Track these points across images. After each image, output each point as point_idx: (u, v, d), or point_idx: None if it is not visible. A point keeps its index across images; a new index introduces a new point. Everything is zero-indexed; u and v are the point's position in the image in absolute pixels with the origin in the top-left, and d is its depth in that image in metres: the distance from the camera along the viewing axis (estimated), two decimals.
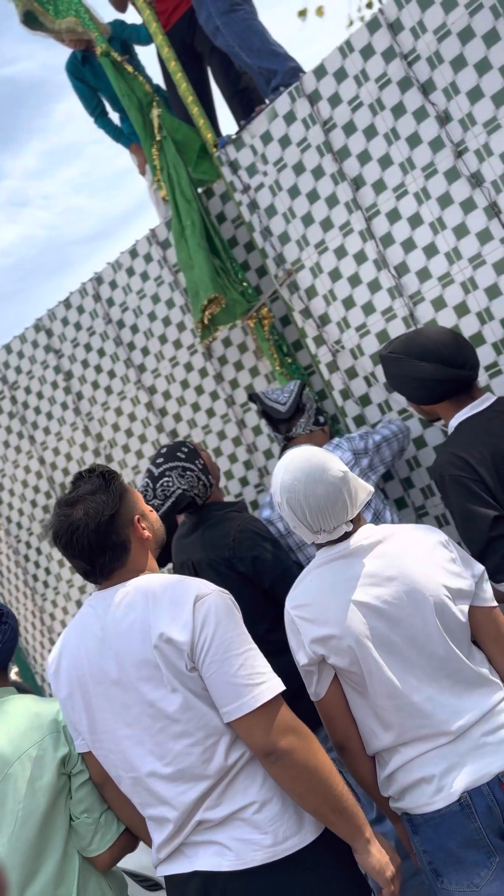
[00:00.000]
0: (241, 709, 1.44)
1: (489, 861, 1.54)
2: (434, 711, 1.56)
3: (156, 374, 3.15)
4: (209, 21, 2.81)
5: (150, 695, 1.47)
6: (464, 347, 1.99)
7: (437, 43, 2.31)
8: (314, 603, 1.62)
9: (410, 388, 2.03)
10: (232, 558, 2.18)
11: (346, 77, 2.48)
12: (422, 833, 1.59)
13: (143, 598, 1.51)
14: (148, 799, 1.53)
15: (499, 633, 1.64)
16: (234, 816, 1.48)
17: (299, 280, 2.70)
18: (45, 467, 3.54)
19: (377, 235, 2.52)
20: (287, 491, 1.63)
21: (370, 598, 1.58)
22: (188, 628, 1.45)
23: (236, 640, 1.47)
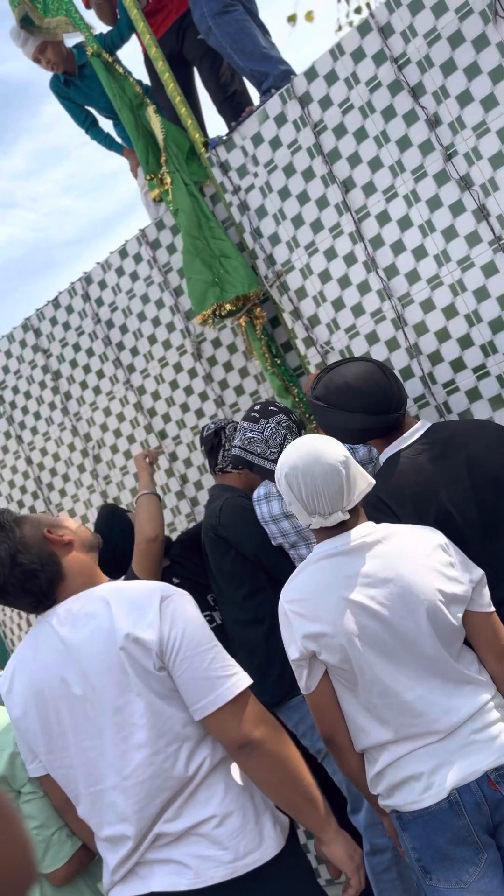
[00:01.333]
0: (216, 701, 1.43)
1: (477, 858, 1.55)
2: (425, 710, 1.57)
3: (145, 374, 3.15)
4: (202, 20, 2.82)
5: (115, 701, 1.44)
6: (387, 391, 1.92)
7: (428, 47, 2.33)
8: (309, 598, 1.63)
9: (338, 435, 1.98)
10: (217, 525, 2.40)
11: (337, 80, 2.50)
12: (411, 830, 1.59)
13: (103, 604, 1.48)
14: (107, 816, 1.47)
15: (495, 639, 1.64)
16: (192, 831, 1.44)
17: (289, 281, 2.71)
18: (33, 467, 3.52)
19: (367, 237, 2.53)
20: (287, 466, 1.65)
21: (364, 598, 1.59)
22: (155, 627, 1.44)
23: (205, 635, 1.48)
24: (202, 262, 2.64)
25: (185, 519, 3.14)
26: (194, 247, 2.66)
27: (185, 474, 3.12)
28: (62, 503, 3.47)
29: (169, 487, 3.17)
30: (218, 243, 2.66)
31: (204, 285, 2.64)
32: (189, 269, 2.68)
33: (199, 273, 2.65)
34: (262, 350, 2.72)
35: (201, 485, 3.09)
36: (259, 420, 2.36)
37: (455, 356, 2.44)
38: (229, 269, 2.62)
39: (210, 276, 2.63)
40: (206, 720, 1.45)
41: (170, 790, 1.45)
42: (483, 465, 1.86)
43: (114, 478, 3.30)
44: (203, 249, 2.65)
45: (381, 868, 2.21)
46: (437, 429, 1.96)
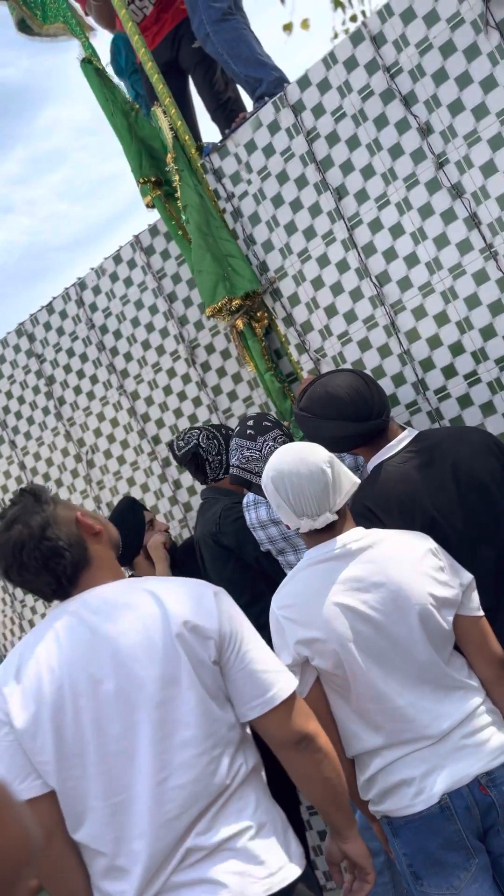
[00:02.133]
0: (279, 695, 1.38)
1: (468, 863, 1.55)
2: (416, 716, 1.58)
3: (138, 379, 3.15)
4: (200, 27, 2.85)
5: (159, 695, 1.32)
6: (367, 399, 1.95)
7: (420, 56, 2.35)
8: (300, 604, 1.63)
9: (324, 444, 1.97)
10: (217, 533, 2.41)
11: (330, 88, 2.51)
12: (402, 836, 1.60)
13: (147, 594, 1.39)
14: (127, 831, 1.31)
15: (483, 642, 1.65)
16: (225, 845, 1.33)
17: (282, 288, 2.72)
18: (26, 472, 3.52)
19: (359, 245, 2.54)
20: (272, 470, 1.66)
21: (356, 603, 1.59)
22: (214, 617, 1.38)
23: (255, 632, 1.46)
24: (213, 256, 2.65)
25: (178, 524, 3.14)
26: (205, 242, 2.66)
27: (178, 479, 3.13)
28: None
29: (162, 493, 3.17)
30: (223, 244, 2.67)
31: (215, 278, 2.64)
32: (200, 263, 2.68)
33: (209, 267, 2.65)
34: (262, 352, 2.71)
35: (194, 490, 3.09)
36: (256, 437, 2.35)
37: (447, 363, 2.45)
38: (237, 268, 2.64)
39: (221, 270, 2.64)
40: (263, 716, 1.39)
41: (207, 798, 1.34)
42: (469, 473, 1.87)
43: (107, 483, 3.30)
44: (213, 245, 2.66)
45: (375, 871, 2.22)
46: (423, 437, 1.97)
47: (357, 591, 1.60)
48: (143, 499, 3.23)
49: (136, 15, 3.24)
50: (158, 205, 2.85)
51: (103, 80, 2.88)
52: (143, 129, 2.87)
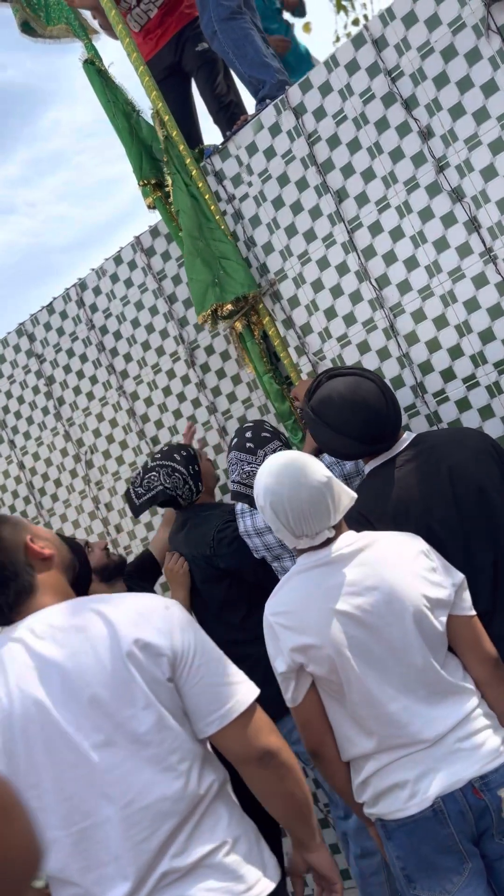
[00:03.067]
0: (236, 708, 1.35)
1: (462, 867, 1.54)
2: (410, 721, 1.57)
3: (138, 380, 3.16)
4: (209, 25, 2.87)
5: (115, 717, 1.29)
6: (384, 420, 1.89)
7: (421, 60, 2.36)
8: (294, 611, 1.62)
9: (326, 449, 2.00)
10: (212, 556, 2.40)
11: (331, 91, 2.52)
12: (395, 839, 1.59)
13: (95, 615, 1.35)
14: (97, 857, 1.28)
15: (476, 642, 1.65)
16: (202, 863, 1.31)
17: (282, 290, 2.72)
18: (25, 472, 3.52)
19: (359, 247, 2.55)
20: (271, 494, 1.62)
21: (350, 608, 1.58)
22: (165, 633, 1.34)
23: (210, 643, 1.42)
24: (203, 262, 2.66)
25: None
26: (195, 247, 2.67)
27: None
28: (54, 508, 3.47)
29: None
30: (218, 245, 2.67)
31: (204, 286, 2.65)
32: (190, 270, 2.70)
33: (199, 274, 2.66)
34: (261, 354, 2.72)
35: None
36: (255, 451, 2.32)
37: (445, 366, 2.46)
38: (229, 271, 2.63)
39: (210, 276, 2.64)
40: (221, 732, 1.36)
41: (178, 815, 1.30)
42: (466, 477, 1.85)
43: (106, 483, 3.30)
44: (204, 250, 2.66)
45: (370, 871, 2.23)
46: (421, 440, 1.96)
47: (350, 595, 1.59)
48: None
49: (141, 17, 3.26)
50: (160, 206, 2.85)
51: (105, 81, 2.89)
52: (144, 131, 2.88)
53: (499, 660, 1.66)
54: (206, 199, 2.71)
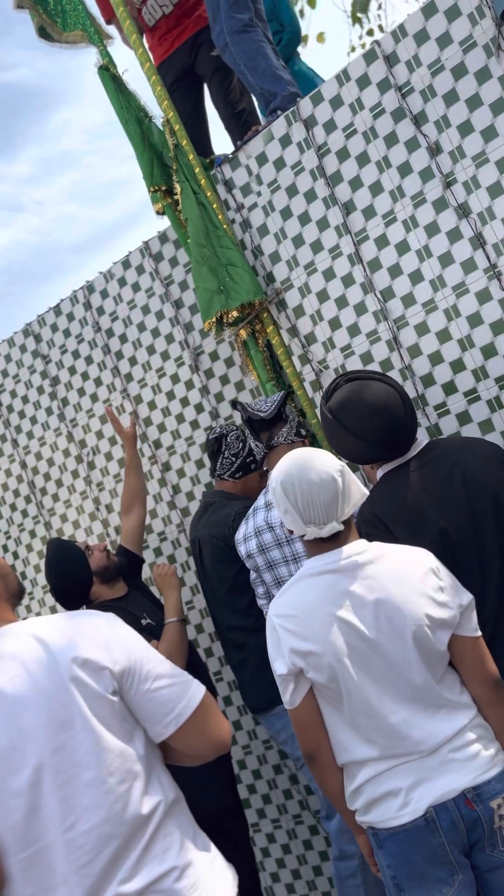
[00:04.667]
0: (190, 705, 1.38)
1: (451, 878, 1.55)
2: (408, 733, 1.59)
3: (142, 384, 3.18)
4: (220, 36, 2.89)
5: (53, 741, 1.29)
6: (402, 426, 1.90)
7: (431, 77, 2.39)
8: (299, 615, 1.63)
9: (341, 452, 2.02)
10: (229, 536, 2.45)
11: (342, 104, 2.55)
12: (386, 847, 1.60)
13: (30, 638, 1.36)
14: (45, 882, 1.29)
15: (479, 663, 1.65)
16: (151, 888, 1.32)
17: (287, 299, 2.75)
18: (27, 471, 3.54)
19: (365, 260, 2.57)
20: (282, 474, 1.66)
21: (354, 620, 1.59)
22: (104, 647, 1.35)
23: (151, 651, 1.43)
24: (209, 270, 2.69)
25: (176, 529, 3.16)
26: (202, 255, 2.70)
27: (177, 484, 3.15)
28: (54, 508, 3.49)
29: (161, 497, 3.20)
30: (225, 252, 2.70)
31: (209, 293, 2.68)
32: (197, 278, 2.73)
33: (205, 281, 2.69)
34: (264, 362, 2.74)
35: (193, 495, 3.11)
36: (266, 401, 2.48)
37: (447, 380, 2.48)
38: (235, 278, 2.66)
39: (216, 284, 2.67)
40: (178, 733, 1.38)
41: (120, 838, 1.31)
42: (478, 482, 1.88)
43: (107, 485, 3.33)
44: (210, 258, 2.69)
45: (348, 873, 2.25)
46: (433, 446, 1.99)
47: (355, 606, 1.60)
48: None
49: (155, 12, 3.24)
50: (169, 213, 2.88)
51: (119, 87, 2.92)
52: (155, 137, 2.91)
53: (500, 680, 1.66)
54: (215, 208, 2.74)
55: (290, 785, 3.01)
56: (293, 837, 3.04)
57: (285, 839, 3.05)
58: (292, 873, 3.07)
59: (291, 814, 3.03)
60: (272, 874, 3.09)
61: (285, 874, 3.08)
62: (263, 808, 3.08)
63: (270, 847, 3.08)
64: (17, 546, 3.65)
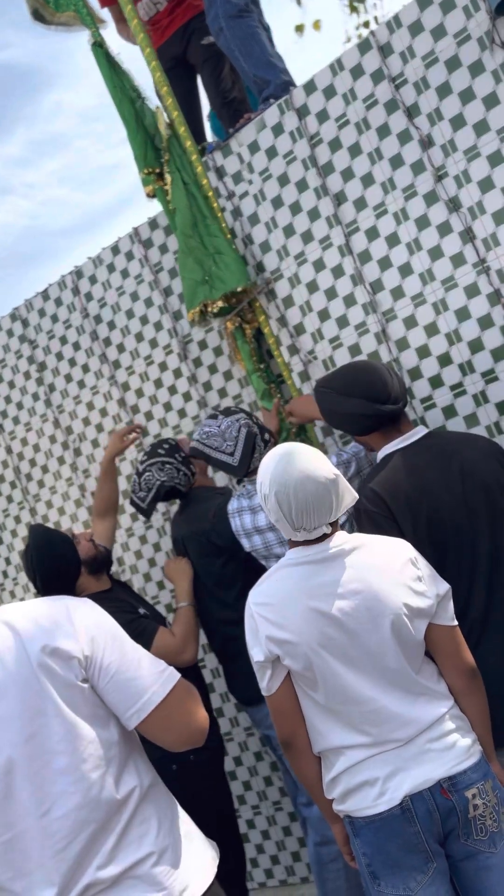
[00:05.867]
0: (153, 699, 1.37)
1: (426, 866, 1.57)
2: (385, 720, 1.60)
3: (130, 371, 3.17)
4: (215, 21, 2.87)
5: (25, 730, 1.31)
6: (387, 383, 2.03)
7: (425, 69, 2.38)
8: (277, 604, 1.64)
9: (338, 421, 2.10)
10: (210, 531, 2.46)
11: (335, 95, 2.54)
12: (362, 836, 1.62)
13: (2, 625, 1.36)
14: (20, 867, 1.31)
15: (455, 652, 1.67)
16: (128, 874, 1.34)
17: (277, 289, 2.75)
18: (12, 457, 3.53)
19: (355, 251, 2.57)
20: (277, 484, 1.62)
21: (331, 609, 1.61)
22: (72, 635, 1.36)
23: (124, 638, 1.43)
24: (194, 260, 2.68)
25: (162, 517, 3.16)
26: (188, 246, 2.69)
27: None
28: (40, 494, 3.48)
29: None
30: (213, 240, 2.69)
31: (194, 284, 2.67)
32: (182, 269, 2.72)
33: (190, 272, 2.68)
34: (251, 353, 2.75)
35: None
36: (217, 416, 2.42)
37: (434, 373, 2.49)
38: (221, 266, 2.65)
39: (201, 274, 2.66)
40: (144, 724, 1.38)
41: (96, 822, 1.33)
42: (474, 474, 1.95)
43: (93, 472, 3.32)
44: (196, 248, 2.68)
45: (329, 858, 2.28)
46: (434, 435, 2.06)
47: (333, 596, 1.61)
48: (127, 490, 3.25)
49: (150, 9, 3.25)
50: (160, 196, 2.86)
51: (112, 65, 2.88)
52: (148, 119, 2.88)
53: (475, 669, 1.69)
54: (210, 196, 2.72)
55: (270, 772, 3.04)
56: (273, 823, 3.07)
57: (265, 825, 3.09)
58: (271, 858, 3.10)
59: (271, 800, 3.06)
60: (252, 859, 3.12)
61: (264, 859, 3.11)
62: (244, 794, 3.10)
63: (250, 833, 3.11)
64: (1, 532, 3.64)
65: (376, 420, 2.03)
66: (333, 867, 2.26)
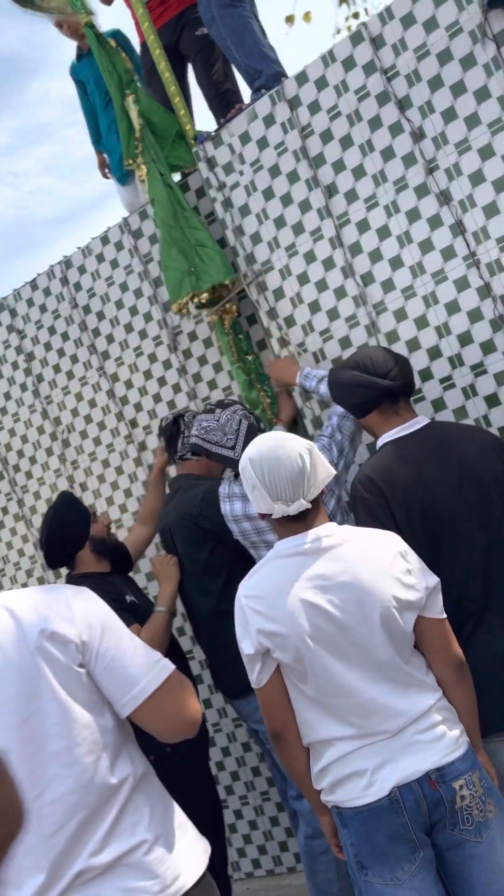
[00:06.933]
0: (147, 688, 1.37)
1: (413, 856, 1.59)
2: (374, 711, 1.61)
3: (119, 362, 3.16)
4: (207, 10, 2.85)
5: (21, 713, 1.31)
6: (387, 360, 2.06)
7: (417, 61, 2.38)
8: (267, 596, 1.65)
9: (337, 393, 2.12)
10: (199, 516, 2.44)
11: (327, 86, 2.53)
12: (350, 826, 1.63)
13: (1, 610, 1.37)
14: (13, 849, 1.30)
15: (443, 644, 1.69)
16: (120, 861, 1.34)
17: (268, 281, 2.74)
18: (0, 448, 3.51)
19: (346, 243, 2.57)
20: (250, 453, 1.69)
21: (321, 601, 1.61)
22: (70, 620, 1.37)
23: (120, 627, 1.44)
24: (179, 251, 2.67)
25: None
26: (170, 236, 2.68)
27: (152, 464, 3.14)
28: (28, 485, 3.47)
29: (136, 476, 3.19)
30: (194, 233, 2.68)
31: (179, 274, 2.66)
32: (166, 258, 2.71)
33: (175, 262, 2.67)
34: (230, 345, 2.76)
35: (169, 475, 3.11)
36: (214, 411, 2.39)
37: (424, 366, 2.50)
38: (205, 259, 2.65)
39: (186, 265, 2.65)
40: (137, 713, 1.39)
41: (88, 808, 1.33)
42: (472, 468, 1.96)
43: (81, 463, 3.31)
44: (179, 239, 2.67)
45: (320, 851, 2.29)
46: (435, 426, 2.06)
47: (323, 588, 1.62)
48: (116, 481, 3.24)
49: None
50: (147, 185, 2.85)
51: (103, 46, 2.86)
52: (140, 102, 2.86)
53: (463, 661, 1.70)
54: None
55: (258, 762, 3.05)
56: (260, 814, 3.08)
57: (252, 815, 3.10)
58: (258, 849, 3.12)
59: (259, 791, 3.08)
60: (238, 849, 3.14)
61: (251, 849, 3.13)
62: (231, 784, 3.12)
63: (238, 823, 3.13)
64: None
65: (372, 393, 2.03)
66: (324, 859, 2.27)
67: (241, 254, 2.78)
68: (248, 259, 2.77)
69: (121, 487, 3.23)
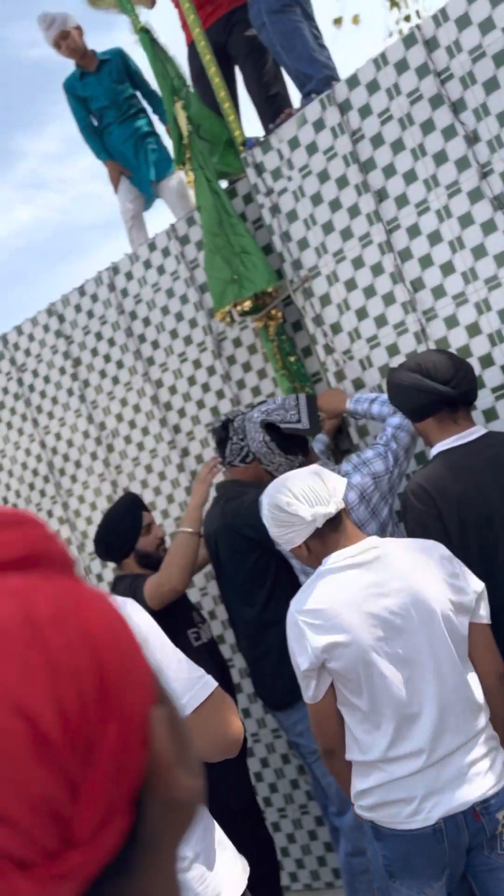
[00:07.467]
0: (189, 705, 1.31)
1: (442, 874, 1.60)
2: (425, 726, 1.59)
3: (164, 368, 3.16)
4: (258, 16, 2.84)
5: None
6: (451, 367, 1.99)
7: (472, 63, 2.32)
8: (322, 610, 1.64)
9: (394, 395, 2.07)
10: (243, 525, 2.42)
11: (379, 89, 2.49)
12: (386, 842, 1.62)
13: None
14: None
15: (487, 650, 1.67)
16: None
17: (314, 287, 2.71)
18: (46, 451, 3.54)
19: (396, 249, 2.52)
20: (266, 496, 1.74)
21: (378, 609, 1.61)
22: None
23: (163, 640, 1.38)
24: (222, 259, 2.66)
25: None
26: (214, 244, 2.68)
27: (195, 470, 3.13)
28: (72, 489, 3.49)
29: (178, 482, 3.18)
30: (239, 239, 2.67)
31: (223, 283, 2.65)
32: (209, 267, 2.70)
33: (218, 270, 2.67)
34: (274, 351, 2.73)
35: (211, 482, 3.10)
36: (266, 400, 2.39)
37: (475, 374, 2.43)
38: (249, 266, 2.63)
39: (229, 273, 2.64)
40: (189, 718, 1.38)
41: None
42: None
43: (125, 468, 3.32)
44: (223, 247, 2.66)
45: (361, 869, 2.25)
46: (491, 437, 2.00)
47: (378, 596, 1.61)
48: (158, 487, 3.24)
49: None
50: None
51: (157, 51, 2.87)
52: (191, 108, 2.87)
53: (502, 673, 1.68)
54: None
55: (297, 775, 3.01)
56: (298, 827, 3.04)
57: (290, 829, 3.06)
58: (296, 862, 3.07)
59: (298, 804, 3.04)
60: None
61: (289, 863, 3.08)
62: (270, 796, 3.08)
63: (275, 836, 3.09)
64: None
65: (430, 399, 1.97)
66: (364, 878, 2.23)
67: (288, 259, 2.75)
68: (294, 265, 2.74)
69: (163, 493, 3.23)
